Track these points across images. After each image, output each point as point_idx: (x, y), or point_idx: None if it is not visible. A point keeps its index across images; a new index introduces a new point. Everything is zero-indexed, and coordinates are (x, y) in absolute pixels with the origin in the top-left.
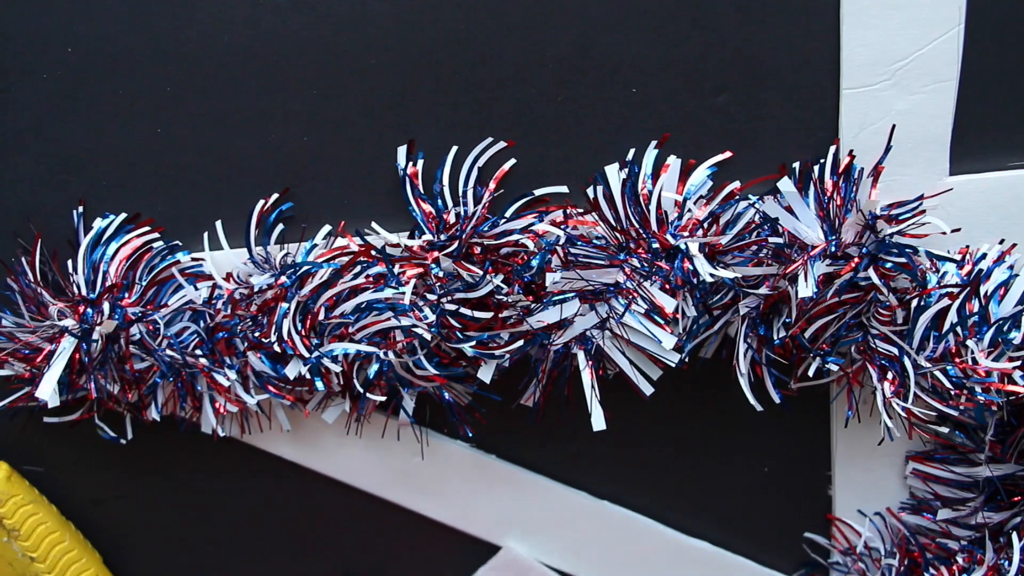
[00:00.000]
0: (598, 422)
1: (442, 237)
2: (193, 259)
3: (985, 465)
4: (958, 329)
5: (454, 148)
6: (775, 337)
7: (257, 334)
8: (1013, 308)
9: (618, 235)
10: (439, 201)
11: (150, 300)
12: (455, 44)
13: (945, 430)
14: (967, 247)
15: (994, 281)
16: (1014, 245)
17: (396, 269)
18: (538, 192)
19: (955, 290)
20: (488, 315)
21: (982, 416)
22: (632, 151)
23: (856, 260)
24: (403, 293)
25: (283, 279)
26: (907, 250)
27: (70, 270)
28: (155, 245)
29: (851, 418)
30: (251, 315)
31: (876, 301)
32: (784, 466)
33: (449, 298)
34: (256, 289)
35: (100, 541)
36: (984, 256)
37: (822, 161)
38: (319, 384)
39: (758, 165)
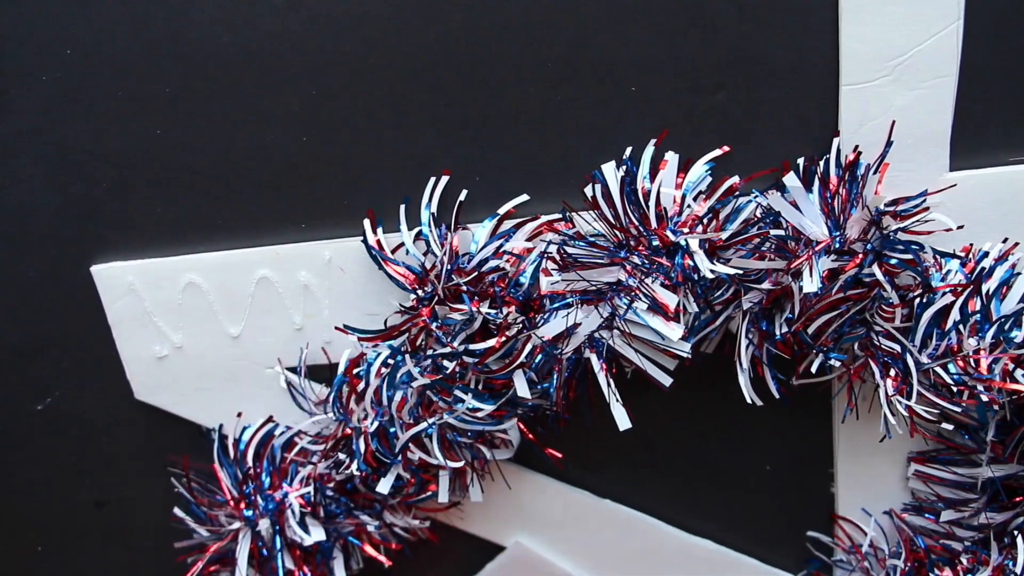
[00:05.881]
0: (623, 421)
1: (425, 291)
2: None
3: (987, 466)
4: (960, 327)
5: (402, 206)
6: (777, 333)
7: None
8: (1015, 306)
9: (618, 233)
10: (411, 256)
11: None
12: (453, 44)
13: (950, 427)
14: (971, 245)
15: (996, 279)
16: (1016, 244)
17: (399, 343)
18: (501, 209)
19: (959, 288)
20: (491, 343)
21: (984, 415)
22: (630, 149)
23: (861, 256)
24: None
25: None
26: (913, 247)
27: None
28: (276, 432)
29: (853, 416)
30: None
31: (880, 298)
32: (786, 464)
33: (458, 341)
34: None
35: (101, 541)
36: (986, 254)
37: (827, 156)
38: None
39: (757, 162)
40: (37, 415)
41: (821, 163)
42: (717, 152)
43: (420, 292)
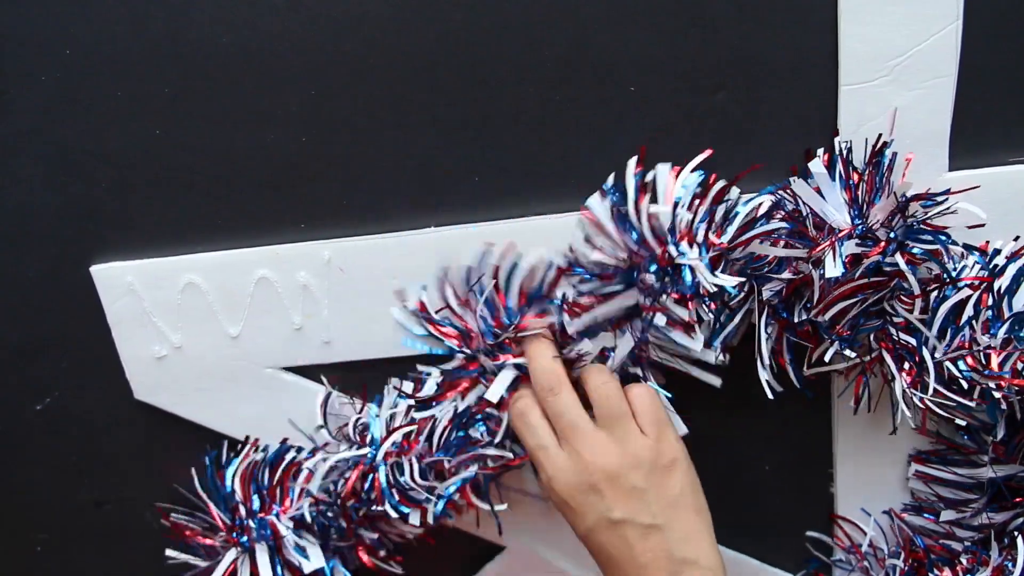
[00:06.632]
0: (680, 427)
1: (471, 350)
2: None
3: (989, 466)
4: (974, 323)
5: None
6: (795, 319)
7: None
8: None
9: (622, 262)
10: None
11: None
12: (453, 44)
13: (963, 422)
14: (987, 242)
15: (1008, 276)
16: None
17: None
18: (520, 280)
19: (979, 281)
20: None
21: (994, 414)
22: (612, 177)
23: (885, 243)
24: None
25: (366, 451)
26: (941, 237)
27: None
28: (259, 455)
29: (852, 416)
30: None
31: (899, 289)
32: (786, 464)
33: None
34: (347, 463)
35: (101, 541)
36: (998, 251)
37: (849, 143)
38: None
39: (757, 162)
40: (37, 415)
41: (844, 148)
42: (702, 156)
43: (467, 350)
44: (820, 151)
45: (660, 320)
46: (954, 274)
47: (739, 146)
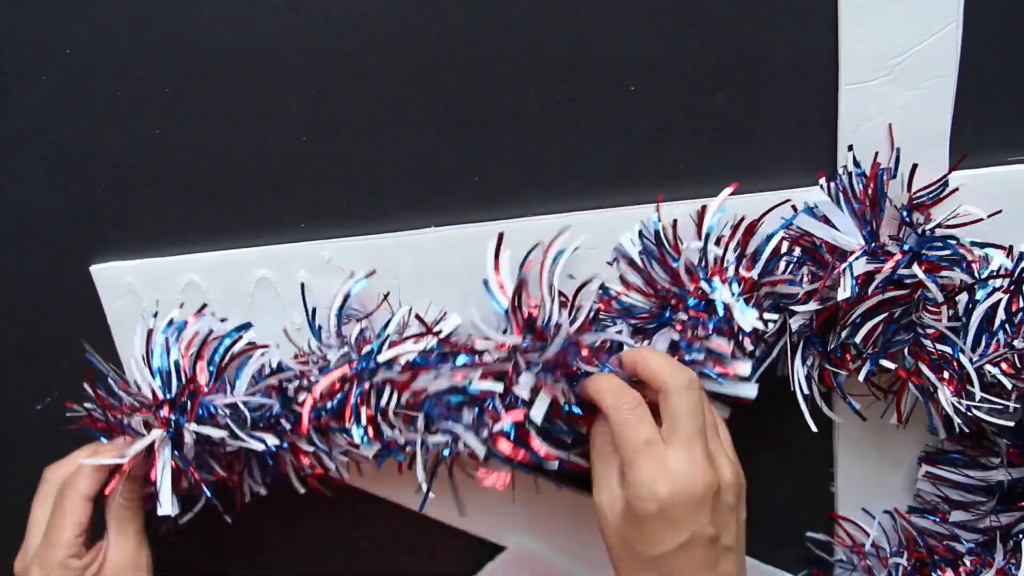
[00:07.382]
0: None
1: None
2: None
3: (1001, 468)
4: (1007, 327)
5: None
6: (829, 348)
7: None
8: None
9: (655, 300)
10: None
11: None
12: (453, 44)
13: (997, 425)
14: (1010, 246)
15: None
16: None
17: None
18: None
19: (1006, 283)
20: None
21: None
22: (638, 226)
23: (900, 255)
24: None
25: (354, 363)
26: (949, 241)
27: (133, 371)
28: (215, 327)
29: (852, 416)
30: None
31: (924, 300)
32: (786, 464)
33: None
34: (331, 367)
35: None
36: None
37: (846, 167)
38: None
39: (757, 162)
40: (37, 415)
41: (844, 174)
42: (727, 192)
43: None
44: (823, 180)
45: (699, 355)
46: (983, 276)
47: (739, 146)
